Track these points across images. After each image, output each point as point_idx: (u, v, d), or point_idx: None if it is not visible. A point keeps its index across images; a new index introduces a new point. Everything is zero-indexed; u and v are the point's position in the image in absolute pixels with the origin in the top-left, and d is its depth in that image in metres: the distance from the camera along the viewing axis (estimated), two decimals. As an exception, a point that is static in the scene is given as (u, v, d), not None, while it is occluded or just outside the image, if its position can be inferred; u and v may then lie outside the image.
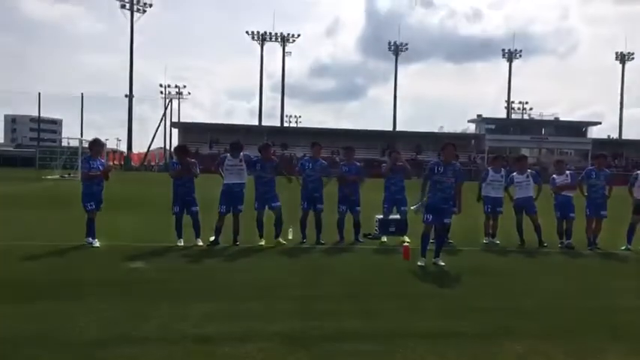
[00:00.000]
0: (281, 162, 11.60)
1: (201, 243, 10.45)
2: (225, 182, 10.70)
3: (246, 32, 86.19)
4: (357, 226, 11.53)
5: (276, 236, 10.82)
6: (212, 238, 10.60)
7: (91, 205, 10.15)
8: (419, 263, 9.05)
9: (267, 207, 10.84)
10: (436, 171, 9.15)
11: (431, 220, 9.17)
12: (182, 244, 10.38)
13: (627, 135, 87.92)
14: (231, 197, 10.64)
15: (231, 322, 5.67)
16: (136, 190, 10.31)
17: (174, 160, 11.15)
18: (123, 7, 77.59)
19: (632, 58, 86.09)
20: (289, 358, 4.75)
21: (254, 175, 10.88)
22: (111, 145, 79.22)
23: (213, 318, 5.79)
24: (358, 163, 11.84)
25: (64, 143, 68.20)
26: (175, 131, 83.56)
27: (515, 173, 12.03)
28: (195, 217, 10.64)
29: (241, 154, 10.77)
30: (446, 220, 9.20)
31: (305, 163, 11.38)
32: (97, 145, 10.70)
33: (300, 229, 11.19)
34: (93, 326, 5.42)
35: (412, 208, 10.09)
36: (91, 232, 10.14)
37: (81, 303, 6.28)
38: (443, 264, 9.14)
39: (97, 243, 10.07)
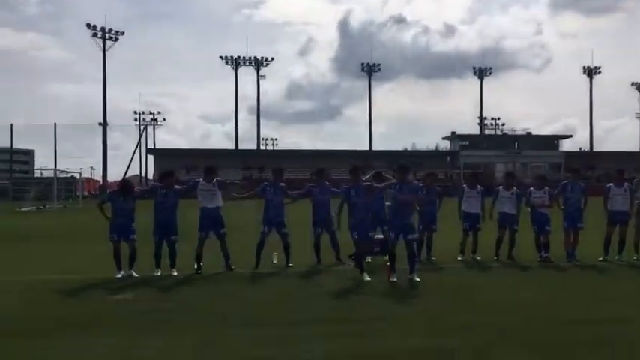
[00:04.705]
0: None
1: (175, 273, 10.28)
2: (201, 207, 10.73)
3: (220, 57, 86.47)
4: (335, 246, 11.60)
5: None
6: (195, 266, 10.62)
7: (112, 237, 10.26)
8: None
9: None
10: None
11: (394, 237, 9.85)
12: (159, 273, 10.28)
13: (598, 147, 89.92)
14: (210, 221, 10.66)
15: (223, 348, 5.72)
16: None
17: (157, 185, 11.09)
18: (95, 35, 77.32)
19: (599, 72, 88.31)
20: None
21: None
22: (85, 174, 78.25)
23: (205, 346, 5.83)
24: (328, 183, 11.95)
25: (37, 174, 67.40)
26: (151, 158, 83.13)
27: (501, 187, 12.41)
28: (173, 245, 10.52)
29: (215, 179, 10.82)
30: (409, 236, 9.76)
31: (266, 188, 11.34)
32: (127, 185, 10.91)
33: (256, 254, 10.96)
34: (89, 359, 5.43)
35: None
36: (117, 263, 10.19)
37: (74, 337, 6.28)
38: (418, 279, 9.48)
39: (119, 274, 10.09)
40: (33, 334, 6.45)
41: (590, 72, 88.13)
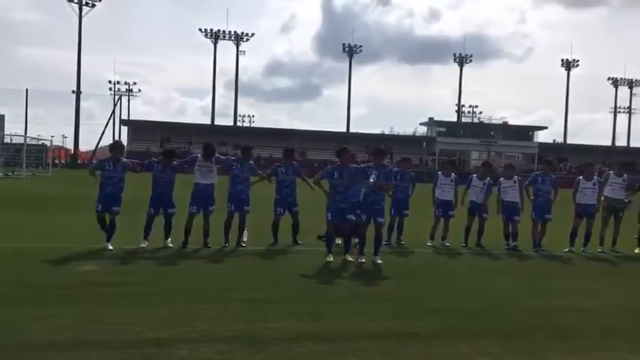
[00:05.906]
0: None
1: (171, 245, 10.37)
2: (195, 182, 10.72)
3: (200, 30, 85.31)
4: (295, 227, 11.59)
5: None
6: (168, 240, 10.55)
7: (97, 207, 10.16)
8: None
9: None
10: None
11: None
12: (146, 245, 10.24)
13: (572, 140, 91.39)
14: (202, 197, 10.63)
15: (187, 325, 5.66)
16: (82, 189, 9.74)
17: (154, 160, 10.84)
18: (71, 0, 75.40)
19: (577, 65, 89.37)
20: (246, 360, 4.80)
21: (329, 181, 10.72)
22: (57, 142, 76.83)
23: (168, 321, 5.76)
24: (295, 163, 11.91)
25: (6, 140, 65.88)
26: (125, 129, 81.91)
27: (474, 176, 12.56)
28: (170, 218, 10.56)
29: (213, 157, 10.79)
30: (379, 220, 9.93)
31: (232, 164, 11.17)
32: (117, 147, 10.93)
33: (224, 232, 10.88)
34: (44, 330, 5.32)
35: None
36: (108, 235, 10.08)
37: (30, 307, 6.13)
38: (380, 261, 9.67)
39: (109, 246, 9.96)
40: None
41: (569, 65, 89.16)
